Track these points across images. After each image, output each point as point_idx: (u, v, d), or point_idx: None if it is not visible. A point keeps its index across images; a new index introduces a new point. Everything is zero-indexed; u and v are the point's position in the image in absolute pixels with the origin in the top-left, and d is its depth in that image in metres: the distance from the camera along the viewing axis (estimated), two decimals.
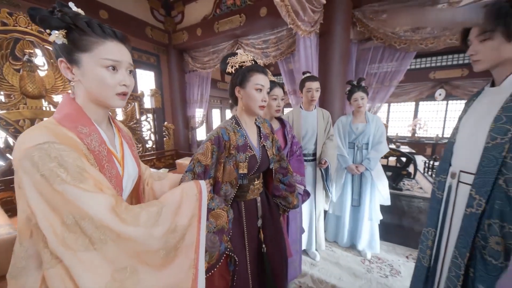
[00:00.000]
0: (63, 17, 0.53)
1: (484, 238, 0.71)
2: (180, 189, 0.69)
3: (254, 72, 0.88)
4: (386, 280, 1.61)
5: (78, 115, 0.58)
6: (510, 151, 0.64)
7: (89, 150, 0.56)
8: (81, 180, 0.50)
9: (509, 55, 0.68)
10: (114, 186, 0.60)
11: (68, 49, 0.55)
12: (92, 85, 0.57)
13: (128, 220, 0.53)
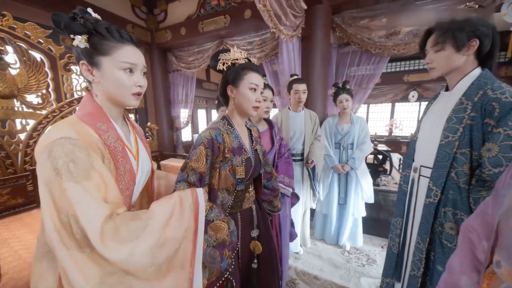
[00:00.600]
0: (85, 23, 0.58)
1: (441, 224, 0.82)
2: (173, 198, 0.65)
3: (248, 70, 0.84)
4: (363, 268, 1.74)
5: (97, 113, 0.62)
6: (460, 148, 0.75)
7: (106, 145, 0.60)
8: (86, 178, 0.52)
9: (458, 64, 0.79)
10: (128, 180, 0.64)
11: (90, 53, 0.59)
12: (111, 86, 0.62)
13: (111, 247, 0.51)
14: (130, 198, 0.68)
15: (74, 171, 0.51)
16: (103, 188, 0.55)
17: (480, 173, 0.72)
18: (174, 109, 4.18)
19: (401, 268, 1.02)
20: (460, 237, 0.62)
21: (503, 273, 0.50)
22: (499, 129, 0.67)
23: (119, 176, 0.62)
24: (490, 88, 0.71)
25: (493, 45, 0.76)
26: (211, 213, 0.75)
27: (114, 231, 0.52)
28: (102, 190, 0.55)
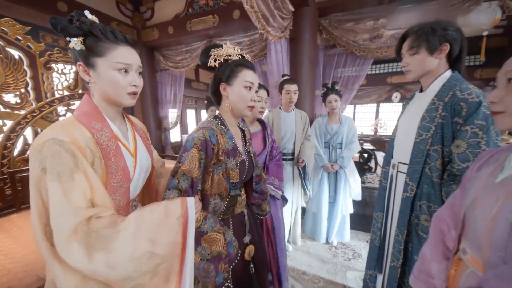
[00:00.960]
0: (81, 26, 0.59)
1: (417, 217, 0.87)
2: (159, 208, 0.60)
3: (242, 67, 0.79)
4: (349, 262, 1.80)
5: (93, 113, 0.64)
6: (432, 145, 0.81)
7: (98, 144, 0.61)
8: (69, 179, 0.53)
9: (431, 67, 0.85)
10: (121, 178, 0.65)
11: (85, 54, 0.61)
12: (106, 86, 0.63)
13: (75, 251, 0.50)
14: (127, 195, 0.69)
15: (59, 172, 0.53)
16: (87, 190, 0.56)
17: (451, 168, 0.78)
18: (162, 109, 4.10)
19: (383, 260, 1.08)
20: (431, 227, 0.67)
21: (468, 259, 0.55)
22: (466, 127, 0.73)
23: (109, 174, 0.63)
24: (459, 89, 0.77)
25: (461, 49, 0.82)
26: (205, 223, 0.69)
27: (84, 235, 0.51)
28: (86, 191, 0.56)
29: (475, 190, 0.56)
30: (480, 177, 0.57)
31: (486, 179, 0.54)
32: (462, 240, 0.59)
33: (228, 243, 0.72)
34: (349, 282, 1.60)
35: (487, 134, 0.70)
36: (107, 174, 0.62)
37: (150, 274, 0.53)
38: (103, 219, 0.55)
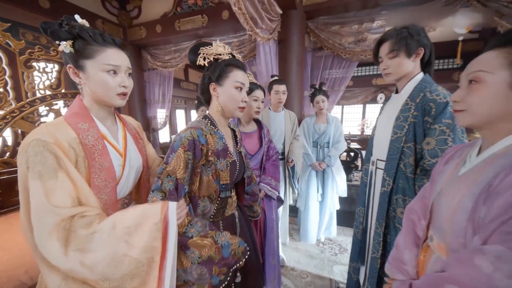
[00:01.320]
0: (70, 30, 0.61)
1: (394, 210, 0.93)
2: (136, 211, 0.59)
3: (233, 67, 0.77)
4: (336, 257, 1.87)
5: (81, 113, 0.66)
6: (406, 142, 0.87)
7: (82, 144, 0.63)
8: (51, 177, 0.55)
9: (409, 69, 0.91)
10: (106, 177, 0.66)
11: (75, 57, 0.63)
12: (96, 87, 0.65)
13: (54, 247, 0.52)
14: (113, 193, 0.69)
15: (41, 170, 0.54)
16: (72, 189, 0.58)
17: (423, 164, 0.85)
18: (150, 109, 4.03)
19: (365, 252, 1.14)
20: (404, 218, 0.73)
21: (434, 246, 0.61)
22: (435, 125, 0.80)
23: (93, 174, 0.64)
24: (429, 91, 0.84)
25: (431, 53, 0.90)
26: (191, 228, 0.67)
27: (64, 233, 0.53)
28: (71, 190, 0.57)
29: (441, 183, 0.62)
30: (446, 171, 0.63)
31: (451, 172, 0.60)
32: (430, 228, 0.64)
33: (221, 246, 0.69)
34: (335, 275, 1.66)
35: (453, 132, 0.77)
36: (90, 173, 0.63)
37: (128, 277, 0.54)
38: (85, 219, 0.55)
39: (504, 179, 0.42)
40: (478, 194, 0.46)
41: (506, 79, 0.45)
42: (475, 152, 0.55)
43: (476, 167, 0.51)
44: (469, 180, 0.50)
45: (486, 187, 0.45)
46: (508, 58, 0.46)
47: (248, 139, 1.35)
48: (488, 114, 0.48)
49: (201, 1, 3.13)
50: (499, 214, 0.40)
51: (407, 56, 0.89)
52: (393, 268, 0.69)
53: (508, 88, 0.45)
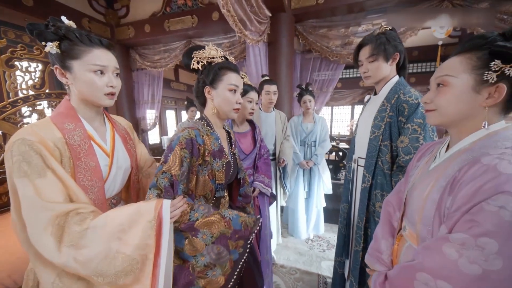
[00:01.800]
0: (56, 31, 0.62)
1: (373, 204, 0.99)
2: (130, 209, 0.61)
3: (227, 70, 0.79)
4: (324, 253, 1.93)
5: (68, 113, 0.67)
6: (383, 141, 0.93)
7: (67, 144, 0.63)
8: (39, 175, 0.56)
9: (386, 73, 0.97)
10: (91, 177, 0.66)
11: (61, 58, 0.64)
12: (83, 88, 0.66)
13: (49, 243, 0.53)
14: (101, 193, 0.70)
15: (27, 170, 0.55)
16: (60, 186, 0.58)
17: (398, 160, 0.91)
18: (139, 110, 3.97)
19: (348, 246, 1.19)
20: (381, 211, 0.78)
21: (407, 235, 0.66)
22: (408, 124, 0.86)
23: (77, 174, 0.64)
24: (402, 93, 0.90)
25: (405, 58, 0.96)
26: (194, 213, 0.68)
27: (58, 229, 0.54)
28: (59, 187, 0.58)
29: (414, 177, 0.67)
30: (419, 166, 0.68)
31: (423, 167, 0.65)
32: (404, 219, 0.69)
33: (230, 220, 0.70)
34: (323, 271, 1.72)
35: (424, 130, 0.83)
36: (75, 173, 0.64)
37: (122, 273, 0.55)
38: (80, 215, 0.57)
39: (467, 171, 0.46)
40: (444, 186, 0.51)
41: (469, 82, 0.50)
42: (444, 149, 0.61)
43: (443, 162, 0.56)
44: (437, 174, 0.55)
45: (451, 179, 0.50)
46: (470, 63, 0.51)
47: (242, 139, 1.38)
48: (455, 114, 0.53)
49: (190, 2, 3.13)
50: (462, 204, 0.44)
51: (385, 60, 0.95)
52: (371, 258, 0.74)
53: (471, 90, 0.50)
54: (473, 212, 0.42)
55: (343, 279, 1.25)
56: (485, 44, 0.49)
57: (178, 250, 0.69)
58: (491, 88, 0.48)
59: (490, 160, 0.44)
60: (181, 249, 0.68)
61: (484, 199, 0.41)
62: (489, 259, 0.39)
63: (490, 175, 0.42)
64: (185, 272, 0.68)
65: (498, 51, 0.47)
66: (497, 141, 0.48)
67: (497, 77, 0.47)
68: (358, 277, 1.04)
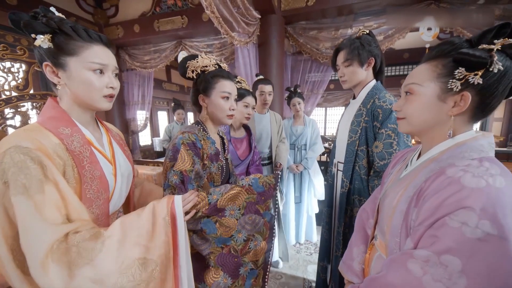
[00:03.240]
0: (48, 22, 0.54)
1: (351, 209, 0.98)
2: (145, 210, 0.58)
3: (219, 78, 0.81)
4: (310, 257, 1.92)
5: (60, 117, 0.58)
6: (359, 146, 0.92)
7: (68, 151, 0.55)
8: (39, 191, 0.48)
9: (362, 77, 0.97)
10: (98, 188, 0.59)
11: (54, 53, 0.56)
12: (79, 88, 0.58)
13: (53, 273, 0.45)
14: (106, 206, 0.62)
15: (25, 184, 0.47)
16: (60, 203, 0.50)
17: (374, 166, 0.90)
18: (129, 111, 3.91)
19: (330, 251, 1.18)
20: (356, 217, 0.77)
21: (378, 244, 0.64)
22: (382, 130, 0.85)
23: (84, 184, 0.57)
24: (377, 98, 0.90)
25: (382, 62, 0.95)
26: (213, 195, 0.69)
27: (63, 252, 0.46)
28: (59, 204, 0.50)
29: (387, 184, 0.66)
30: (392, 173, 0.67)
31: (395, 175, 0.64)
32: (376, 227, 0.68)
33: (251, 186, 0.71)
34: (309, 275, 1.70)
35: (398, 136, 0.83)
36: (81, 184, 0.56)
37: (145, 282, 0.50)
38: (83, 232, 0.50)
39: (431, 183, 0.45)
40: (411, 197, 0.49)
41: (434, 91, 0.49)
42: (416, 157, 0.60)
43: (413, 170, 0.55)
44: (406, 183, 0.54)
45: (417, 190, 0.48)
46: (436, 71, 0.49)
47: (239, 145, 1.36)
48: (422, 123, 0.52)
49: (180, 2, 3.09)
50: (426, 218, 0.43)
51: (359, 65, 0.94)
52: (344, 266, 0.73)
53: (437, 99, 0.49)
54: (435, 227, 0.41)
55: (325, 285, 1.23)
56: (452, 50, 0.48)
57: (214, 237, 0.69)
58: (456, 96, 0.47)
59: (455, 172, 0.42)
60: (216, 235, 0.69)
61: (446, 214, 0.40)
62: (453, 277, 0.38)
63: (453, 188, 0.41)
64: (229, 257, 0.70)
65: (462, 58, 0.45)
66: (464, 151, 0.46)
67: (461, 85, 0.46)
68: (339, 283, 1.03)
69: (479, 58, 0.43)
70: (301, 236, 2.14)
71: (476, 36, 0.47)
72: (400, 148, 0.81)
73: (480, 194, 0.38)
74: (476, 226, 0.37)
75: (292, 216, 2.10)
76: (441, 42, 0.52)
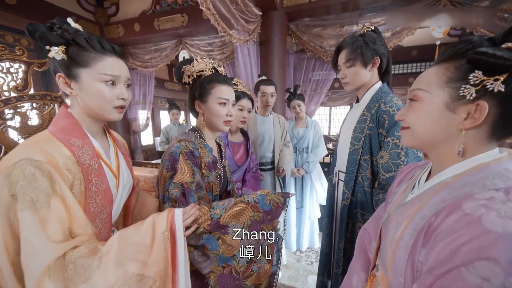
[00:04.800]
0: (63, 34, 0.55)
1: (353, 224, 0.89)
2: (145, 224, 0.58)
3: (215, 83, 0.77)
4: (311, 266, 1.83)
5: (73, 128, 0.59)
6: (363, 155, 0.83)
7: (79, 164, 0.55)
8: (45, 205, 0.48)
9: (365, 79, 0.87)
10: (102, 202, 0.59)
11: (67, 65, 0.56)
12: (91, 99, 0.58)
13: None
14: (108, 220, 0.63)
15: (33, 197, 0.47)
16: (65, 217, 0.51)
17: (378, 178, 0.81)
18: (130, 111, 3.89)
19: (330, 266, 1.09)
20: (357, 239, 0.68)
21: (379, 276, 0.55)
22: (388, 138, 0.76)
23: (88, 198, 0.57)
24: (383, 102, 0.80)
25: (388, 62, 0.85)
26: (215, 210, 0.66)
27: (60, 270, 0.46)
28: (63, 219, 0.50)
29: (390, 206, 0.56)
30: (397, 193, 0.57)
31: (400, 196, 0.54)
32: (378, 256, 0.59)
33: (257, 204, 0.67)
34: (309, 286, 1.62)
35: None
36: (86, 198, 0.56)
37: None
38: (80, 247, 0.50)
39: (445, 219, 0.36)
40: (418, 232, 0.40)
41: (443, 99, 0.40)
42: (424, 176, 0.50)
43: (421, 195, 0.45)
44: (412, 211, 0.45)
45: (426, 225, 0.39)
46: (446, 75, 0.40)
47: (236, 150, 1.31)
48: (427, 135, 0.43)
49: (181, 0, 3.03)
50: (437, 265, 0.34)
51: (363, 65, 0.84)
52: None
53: (445, 108, 0.40)
54: (449, 278, 0.32)
55: None
56: (468, 50, 0.38)
57: (216, 254, 0.66)
58: (470, 106, 0.37)
59: (474, 209, 0.33)
60: (218, 252, 0.66)
61: (463, 264, 0.31)
62: None
63: (472, 231, 0.31)
64: (230, 279, 0.66)
65: (478, 59, 0.36)
66: (486, 178, 0.36)
67: (476, 92, 0.36)
68: None
69: (501, 59, 0.34)
70: (303, 243, 2.05)
71: (500, 33, 0.37)
72: (409, 160, 0.72)
73: (509, 242, 0.29)
74: (502, 285, 0.28)
75: (293, 222, 2.02)
76: (457, 41, 0.43)
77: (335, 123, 7.31)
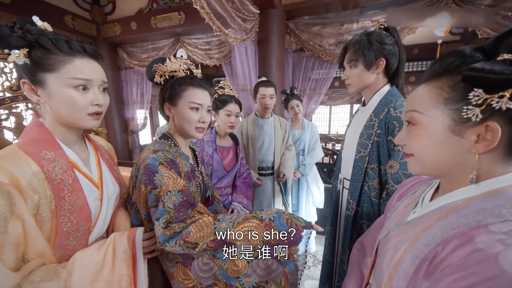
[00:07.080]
0: (24, 35, 0.49)
1: (358, 235, 0.84)
2: (106, 243, 0.57)
3: (188, 86, 0.72)
4: (308, 271, 1.78)
5: (44, 139, 0.54)
6: (370, 163, 0.78)
7: (48, 180, 0.51)
8: (0, 230, 0.44)
9: (369, 81, 0.81)
10: (77, 220, 0.54)
11: (31, 70, 0.51)
12: (60, 107, 0.53)
13: None
14: (85, 237, 0.58)
15: None
16: (21, 241, 0.47)
17: (387, 188, 0.76)
18: (128, 110, 3.83)
19: (333, 277, 1.05)
20: (353, 249, 0.64)
21: None
22: (398, 147, 0.70)
23: (60, 218, 0.52)
24: (393, 107, 0.74)
25: (400, 63, 0.80)
26: (221, 224, 0.59)
27: None
28: (19, 244, 0.47)
29: (389, 223, 0.51)
30: (397, 208, 0.52)
31: (400, 213, 0.49)
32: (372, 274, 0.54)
33: (272, 222, 0.58)
34: None
35: None
36: (56, 218, 0.52)
37: None
38: (36, 272, 0.47)
39: (453, 252, 0.31)
40: (421, 260, 0.35)
41: (445, 123, 0.35)
42: (429, 194, 0.45)
43: (425, 216, 0.40)
44: (414, 233, 0.40)
45: (431, 254, 0.34)
46: (442, 96, 0.35)
47: (225, 154, 1.26)
48: (436, 163, 0.38)
49: None
50: None
51: (365, 67, 0.79)
52: None
53: (450, 132, 0.35)
54: None
55: None
56: (460, 65, 0.34)
57: (220, 267, 0.62)
58: (478, 128, 0.32)
59: (489, 244, 0.28)
60: (222, 266, 0.61)
61: None
62: None
63: (487, 270, 0.27)
64: None
65: (475, 77, 0.31)
66: (502, 206, 0.31)
67: (482, 112, 0.31)
68: None
69: (502, 75, 0.29)
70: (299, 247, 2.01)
71: (490, 43, 0.32)
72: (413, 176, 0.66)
73: None
74: None
75: None
76: (445, 53, 0.37)
77: (335, 122, 7.27)
